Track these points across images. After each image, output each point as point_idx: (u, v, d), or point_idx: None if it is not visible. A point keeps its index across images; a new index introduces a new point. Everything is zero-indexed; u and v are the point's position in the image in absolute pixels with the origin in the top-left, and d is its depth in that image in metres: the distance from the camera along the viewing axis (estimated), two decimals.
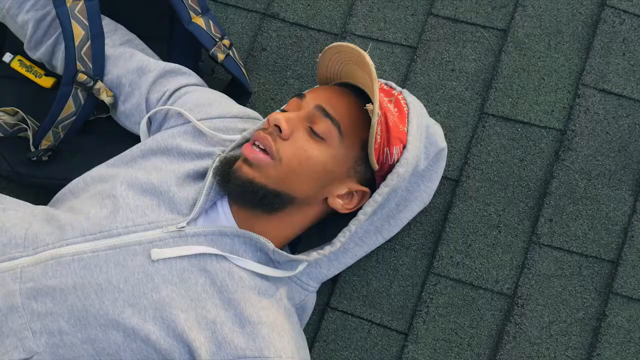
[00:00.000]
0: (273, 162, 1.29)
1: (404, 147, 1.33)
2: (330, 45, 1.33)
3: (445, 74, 1.61)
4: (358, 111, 1.33)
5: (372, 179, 1.36)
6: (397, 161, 1.32)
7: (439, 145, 1.43)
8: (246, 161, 1.31)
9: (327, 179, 1.32)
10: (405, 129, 1.34)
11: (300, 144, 1.30)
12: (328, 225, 1.44)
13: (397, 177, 1.32)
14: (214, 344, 1.26)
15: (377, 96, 1.23)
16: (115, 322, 1.27)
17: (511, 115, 1.56)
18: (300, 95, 1.36)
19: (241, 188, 1.30)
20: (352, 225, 1.34)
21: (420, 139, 1.36)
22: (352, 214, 1.36)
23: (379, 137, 1.28)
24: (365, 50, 1.26)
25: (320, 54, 1.37)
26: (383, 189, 1.32)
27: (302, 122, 1.31)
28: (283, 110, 1.36)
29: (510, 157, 1.54)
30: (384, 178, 1.34)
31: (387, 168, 1.33)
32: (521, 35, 1.60)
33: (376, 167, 1.31)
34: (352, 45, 1.28)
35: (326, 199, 1.35)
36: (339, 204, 1.35)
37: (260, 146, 1.30)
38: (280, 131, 1.30)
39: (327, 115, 1.30)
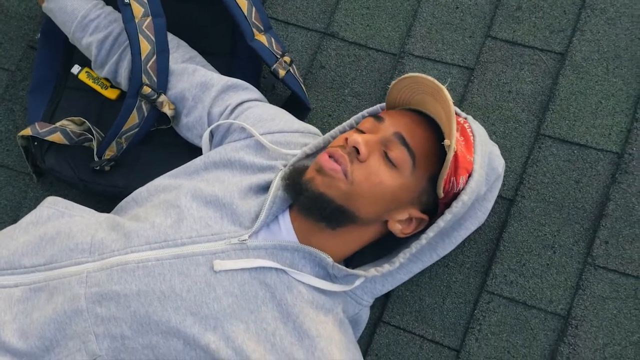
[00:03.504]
0: (345, 179, 1.31)
1: (469, 175, 1.35)
2: (409, 75, 1.35)
3: (502, 95, 1.63)
4: (432, 143, 1.35)
5: (433, 206, 1.38)
6: (462, 189, 1.35)
7: (498, 171, 1.45)
8: (320, 171, 1.33)
9: (391, 204, 1.34)
10: (472, 158, 1.36)
11: (373, 168, 1.32)
12: (383, 240, 1.46)
13: (462, 204, 1.34)
14: (274, 356, 1.29)
15: (454, 133, 1.26)
16: (176, 329, 1.30)
17: (568, 137, 1.57)
18: (379, 118, 1.38)
19: (311, 202, 1.32)
20: (413, 247, 1.36)
21: (483, 167, 1.38)
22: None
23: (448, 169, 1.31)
24: (444, 84, 1.28)
25: (394, 81, 1.38)
26: (447, 216, 1.34)
27: (378, 146, 1.33)
28: (359, 130, 1.38)
29: (566, 179, 1.55)
30: (446, 204, 1.36)
31: (451, 196, 1.35)
32: (579, 59, 1.62)
33: (442, 196, 1.34)
34: (430, 78, 1.30)
35: (386, 221, 1.38)
36: (398, 229, 1.37)
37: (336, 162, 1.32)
38: (358, 153, 1.32)
39: (405, 144, 1.32)
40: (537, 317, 1.49)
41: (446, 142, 1.28)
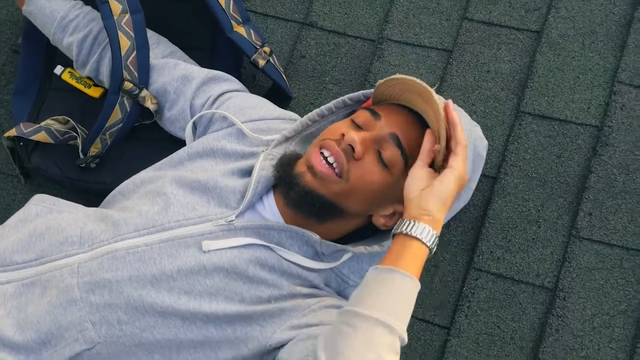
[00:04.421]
0: (339, 180, 1.32)
1: None
2: (397, 77, 1.33)
3: (481, 75, 1.65)
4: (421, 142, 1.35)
5: None
6: None
7: (482, 155, 1.45)
8: (311, 169, 1.34)
9: (379, 201, 1.36)
10: None
11: (367, 167, 1.32)
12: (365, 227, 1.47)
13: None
14: (277, 313, 1.32)
15: (444, 137, 1.27)
16: (172, 308, 1.32)
17: (547, 113, 1.59)
18: (376, 115, 1.36)
19: (302, 198, 1.34)
20: None
21: (470, 156, 1.39)
22: None
23: None
24: (432, 88, 1.28)
25: (381, 80, 1.36)
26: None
27: (373, 145, 1.33)
28: (353, 122, 1.37)
29: (548, 154, 1.57)
30: None
31: None
32: (555, 36, 1.64)
33: None
34: (419, 80, 1.29)
35: (371, 215, 1.39)
36: (381, 223, 1.39)
37: (330, 160, 1.33)
38: (354, 151, 1.32)
39: (399, 146, 1.33)
40: (525, 291, 1.50)
41: (436, 147, 1.29)
